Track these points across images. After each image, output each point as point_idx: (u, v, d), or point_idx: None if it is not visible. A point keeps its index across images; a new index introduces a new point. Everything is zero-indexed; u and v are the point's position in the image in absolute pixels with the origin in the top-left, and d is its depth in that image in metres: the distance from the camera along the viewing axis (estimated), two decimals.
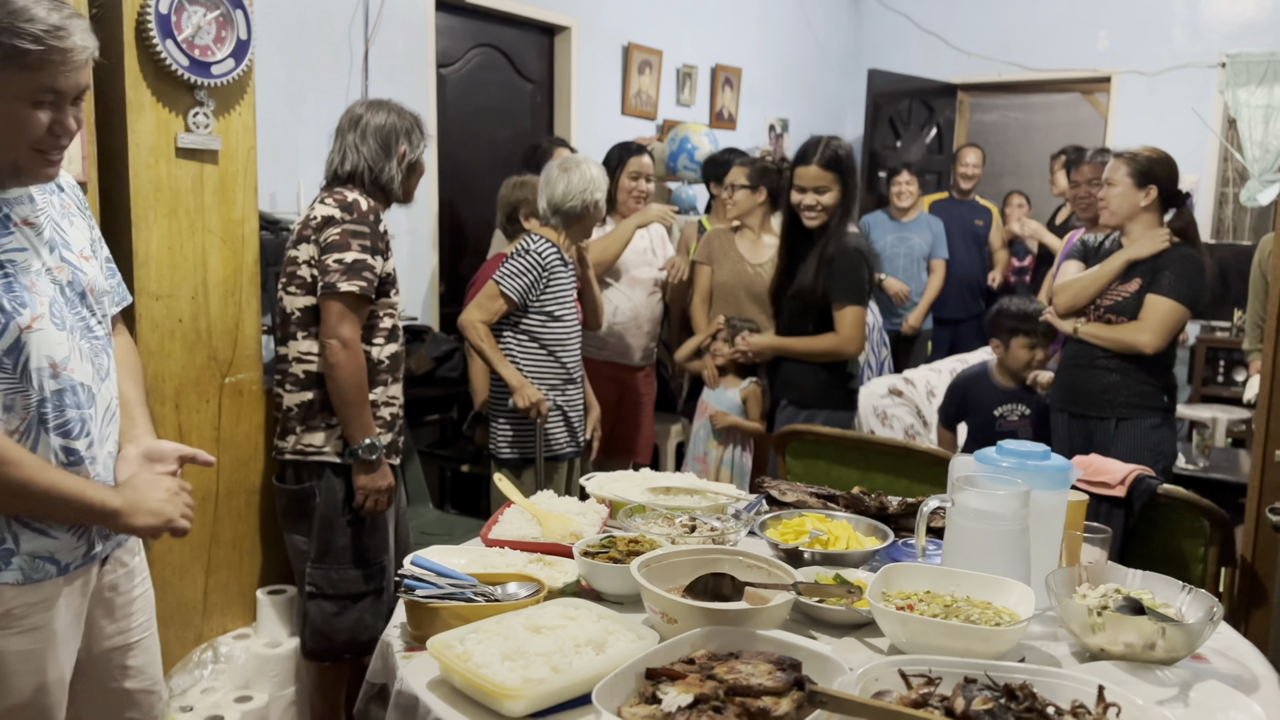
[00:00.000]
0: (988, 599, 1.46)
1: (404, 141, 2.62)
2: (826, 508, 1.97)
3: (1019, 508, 1.51)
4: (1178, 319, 2.96)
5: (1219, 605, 1.42)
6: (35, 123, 1.43)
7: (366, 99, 2.69)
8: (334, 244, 2.47)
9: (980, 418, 3.54)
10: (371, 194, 2.57)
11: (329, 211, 2.50)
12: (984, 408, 3.53)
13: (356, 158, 2.57)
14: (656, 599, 1.40)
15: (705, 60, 5.98)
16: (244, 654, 2.73)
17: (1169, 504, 2.28)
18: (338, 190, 2.55)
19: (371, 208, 2.54)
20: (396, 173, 2.61)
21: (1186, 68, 6.19)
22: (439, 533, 3.40)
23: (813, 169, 3.08)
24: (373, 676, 1.49)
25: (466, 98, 4.73)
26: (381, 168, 2.58)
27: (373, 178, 2.58)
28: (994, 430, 3.47)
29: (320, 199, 2.55)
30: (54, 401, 1.51)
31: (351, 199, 2.51)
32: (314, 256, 2.50)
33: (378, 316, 2.57)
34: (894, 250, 5.71)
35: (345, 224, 2.48)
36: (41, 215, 1.56)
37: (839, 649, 1.44)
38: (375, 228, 2.53)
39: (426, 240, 4.47)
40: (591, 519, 1.89)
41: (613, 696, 1.17)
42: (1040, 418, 3.45)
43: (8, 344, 1.45)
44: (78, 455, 1.55)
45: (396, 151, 2.60)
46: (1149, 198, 3.01)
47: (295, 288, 2.54)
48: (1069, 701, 1.18)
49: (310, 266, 2.51)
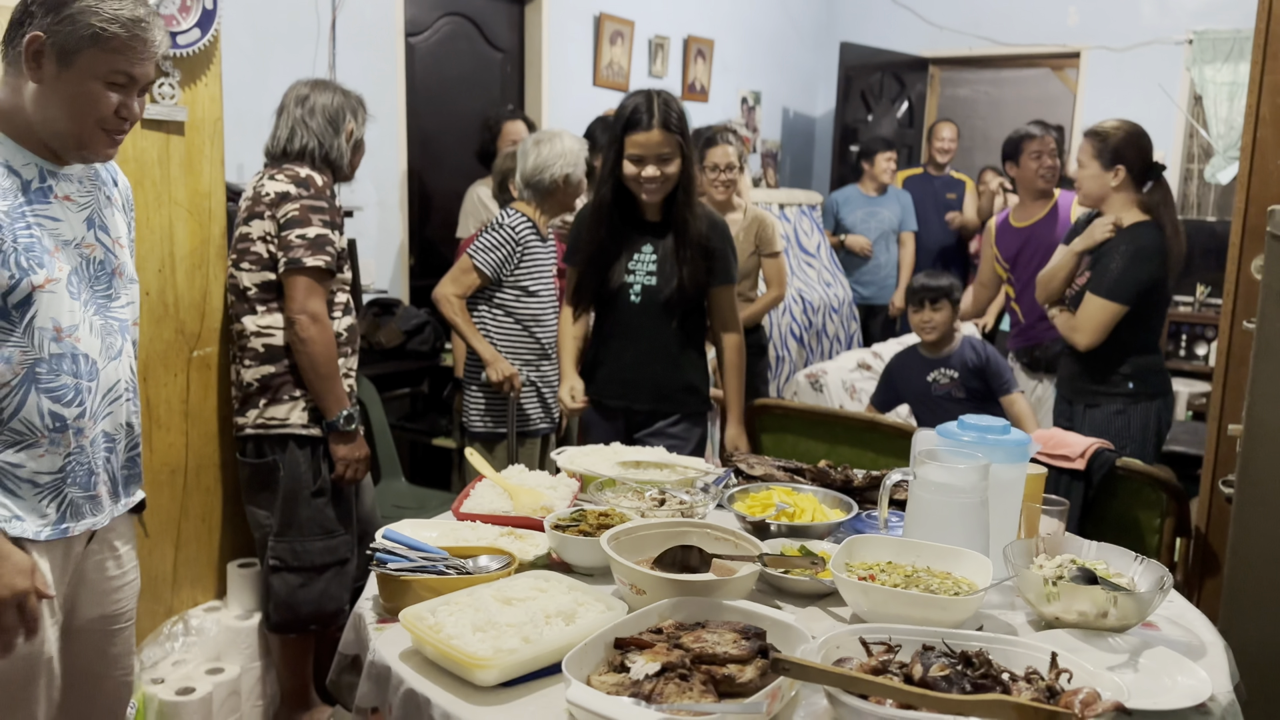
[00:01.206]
0: (947, 569, 1.50)
1: (351, 119, 2.65)
2: (793, 481, 2.01)
3: (979, 480, 1.54)
4: (1108, 317, 2.90)
5: (1169, 575, 1.47)
6: (106, 102, 1.56)
7: (310, 79, 2.70)
8: (294, 219, 2.47)
9: (917, 389, 3.64)
10: (321, 171, 2.59)
11: (282, 187, 2.50)
12: (918, 377, 3.63)
13: (306, 135, 2.59)
14: (626, 571, 1.43)
15: (678, 31, 5.95)
16: (215, 626, 2.74)
17: (1127, 477, 2.35)
18: (287, 166, 2.56)
19: (326, 183, 2.57)
20: (345, 150, 2.64)
21: (1154, 44, 6.24)
22: (410, 506, 3.42)
23: (655, 134, 2.56)
24: (345, 648, 1.51)
25: (435, 67, 4.69)
26: (331, 144, 2.61)
27: (323, 154, 2.60)
28: (931, 396, 3.57)
29: (268, 175, 2.56)
30: (51, 364, 1.56)
31: (305, 174, 2.53)
32: (270, 232, 2.51)
33: (332, 292, 2.58)
34: (865, 225, 5.76)
35: (304, 199, 2.49)
36: (88, 196, 1.67)
37: (803, 618, 1.47)
38: (331, 203, 2.56)
39: (395, 212, 4.45)
40: (562, 493, 1.91)
41: (582, 665, 1.20)
42: (970, 379, 3.53)
43: (18, 299, 1.53)
44: (63, 422, 1.58)
45: (344, 129, 2.63)
46: (1118, 178, 2.98)
47: (249, 264, 2.54)
48: (1023, 668, 1.22)
49: (266, 242, 2.51)
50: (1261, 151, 2.40)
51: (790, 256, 5.53)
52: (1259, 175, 2.40)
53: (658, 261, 2.66)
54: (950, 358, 3.58)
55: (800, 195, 6.03)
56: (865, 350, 4.80)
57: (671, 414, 2.73)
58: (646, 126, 2.56)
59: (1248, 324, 2.20)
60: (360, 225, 4.13)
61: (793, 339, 5.36)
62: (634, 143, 2.57)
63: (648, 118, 2.57)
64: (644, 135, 2.56)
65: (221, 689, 2.66)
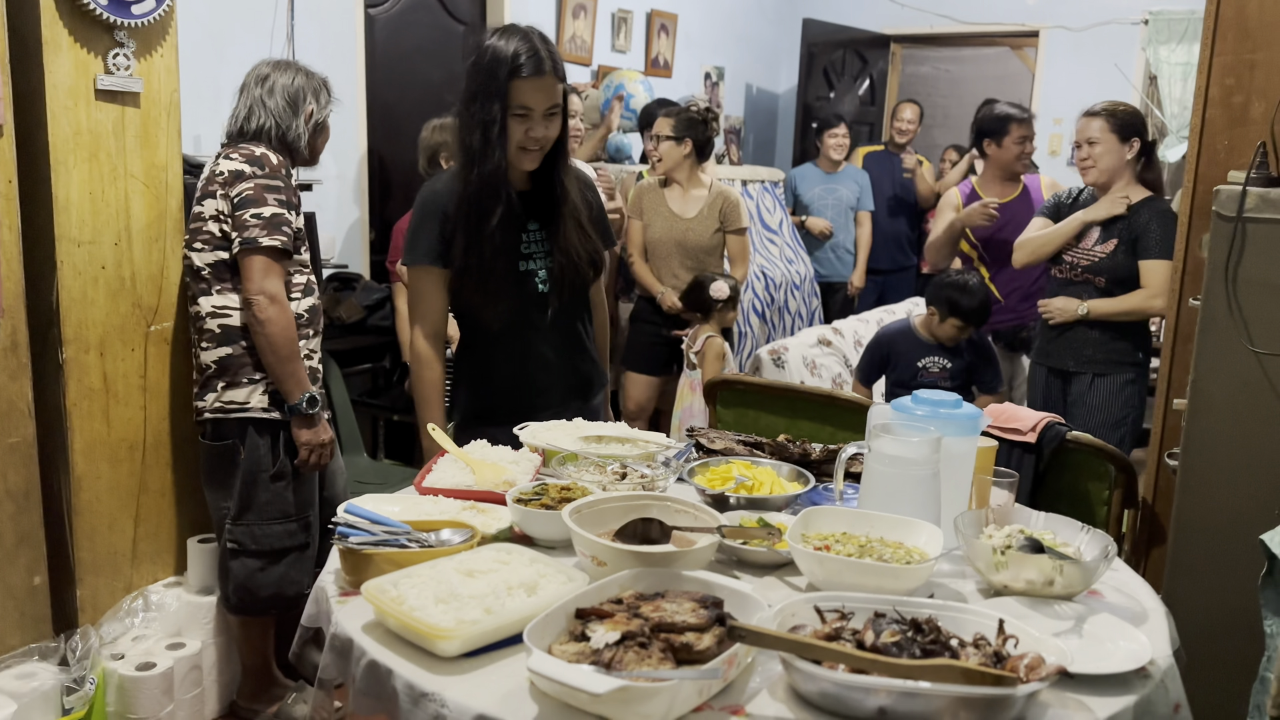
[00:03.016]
0: (899, 539, 1.53)
1: (311, 101, 2.61)
2: (753, 455, 2.04)
3: (931, 453, 1.58)
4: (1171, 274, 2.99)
5: (1113, 544, 1.52)
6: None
7: (273, 59, 2.67)
8: (249, 199, 2.44)
9: (903, 370, 3.65)
10: (279, 151, 2.56)
11: (237, 166, 2.47)
12: (909, 359, 3.63)
13: (264, 115, 2.56)
14: (587, 543, 1.45)
15: (641, 5, 5.93)
16: (175, 602, 2.73)
17: (1076, 449, 2.40)
18: (243, 146, 2.52)
19: (281, 162, 2.54)
20: (303, 131, 2.61)
21: (1110, 24, 6.32)
22: (373, 481, 3.42)
23: (549, 81, 2.11)
24: (307, 621, 1.52)
25: (396, 39, 4.64)
26: (289, 125, 2.58)
27: (279, 134, 2.57)
28: (916, 381, 3.58)
29: (224, 154, 2.52)
30: None
31: (260, 153, 2.50)
32: (223, 211, 2.47)
33: (290, 273, 2.55)
34: (822, 202, 5.80)
35: (258, 178, 2.46)
36: None
37: (760, 588, 1.51)
38: (288, 182, 2.53)
39: (354, 186, 4.41)
40: (525, 467, 1.92)
41: (544, 635, 1.22)
42: (960, 373, 3.57)
43: None
44: None
45: (304, 110, 2.60)
46: (1133, 150, 3.13)
47: (202, 243, 2.51)
48: (972, 634, 1.25)
49: (219, 221, 2.48)
50: (1210, 131, 2.45)
51: (753, 233, 5.56)
52: (1207, 155, 2.46)
53: (550, 239, 2.27)
54: (947, 347, 3.59)
55: (763, 172, 6.05)
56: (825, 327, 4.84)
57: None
58: (538, 73, 2.07)
59: (1193, 301, 2.26)
60: (319, 199, 4.10)
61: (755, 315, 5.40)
62: (524, 94, 2.08)
63: (537, 63, 2.07)
64: (535, 84, 2.08)
65: (183, 664, 2.66)
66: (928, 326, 3.63)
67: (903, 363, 3.65)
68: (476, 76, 2.11)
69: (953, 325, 3.53)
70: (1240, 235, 2.06)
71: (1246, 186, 2.06)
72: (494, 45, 2.09)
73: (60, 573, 2.56)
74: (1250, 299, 2.07)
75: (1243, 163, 2.23)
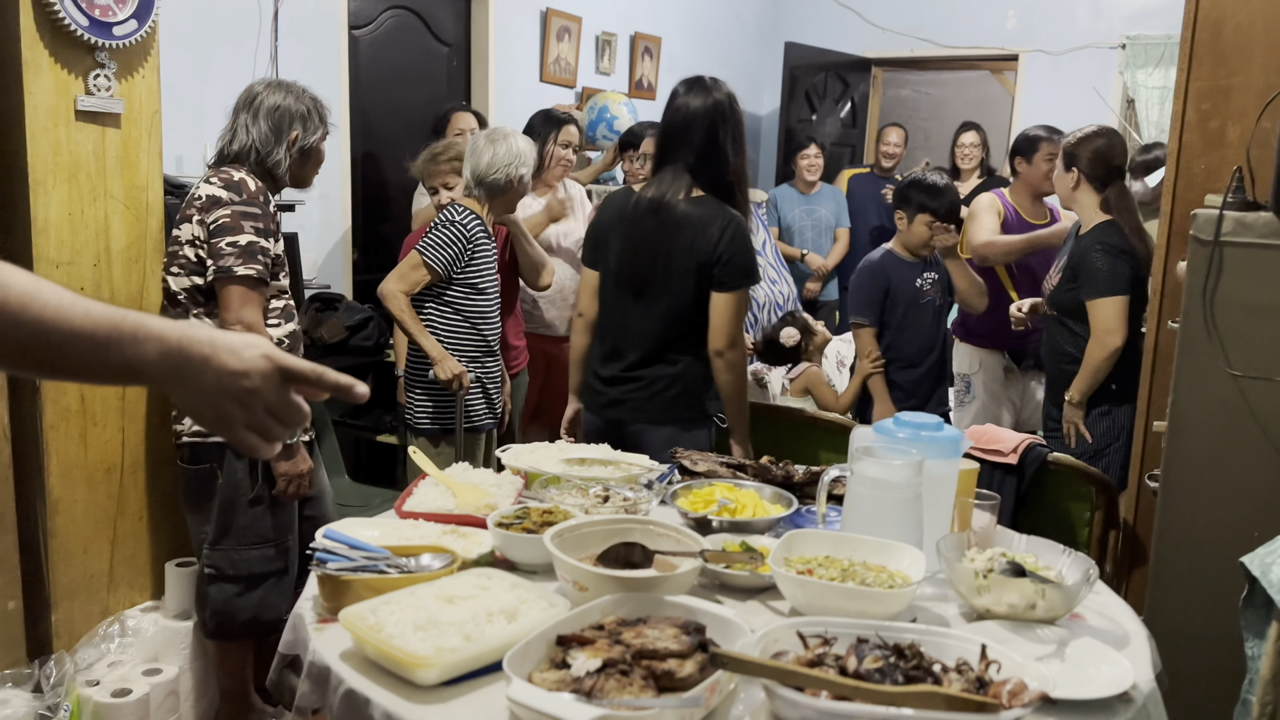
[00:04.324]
0: (882, 563, 1.53)
1: (297, 126, 2.55)
2: (735, 477, 2.04)
3: (913, 476, 1.58)
4: (1119, 309, 2.95)
5: (1095, 568, 1.52)
6: None
7: (268, 79, 2.64)
8: (225, 226, 2.40)
9: (904, 296, 3.45)
10: (259, 176, 2.51)
11: (214, 191, 2.43)
12: (908, 281, 3.45)
13: (246, 138, 2.51)
14: (568, 568, 1.44)
15: (625, 28, 5.96)
16: (152, 627, 2.69)
17: (1058, 471, 2.41)
18: (223, 170, 2.48)
19: (260, 188, 2.48)
20: (284, 157, 2.55)
21: (1089, 48, 6.39)
22: (354, 504, 3.39)
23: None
24: (285, 648, 1.50)
25: (380, 60, 4.64)
26: (270, 150, 2.52)
27: (259, 159, 2.52)
28: (918, 304, 3.43)
29: (206, 177, 2.48)
30: None
31: (238, 179, 2.45)
32: (199, 237, 2.43)
33: (268, 299, 2.52)
34: (802, 222, 5.85)
35: (235, 205, 2.41)
36: None
37: (743, 612, 1.50)
38: (266, 209, 2.47)
39: (338, 206, 4.40)
40: (506, 490, 1.91)
41: (524, 663, 1.21)
42: (947, 282, 3.48)
43: None
44: None
45: (288, 136, 2.54)
46: (1073, 179, 3.13)
47: (179, 268, 2.47)
48: (954, 659, 1.25)
49: (195, 246, 2.44)
50: (1187, 156, 2.48)
51: None
52: (1184, 179, 2.48)
53: None
54: (932, 262, 3.48)
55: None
56: None
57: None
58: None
59: (1172, 324, 2.27)
60: (302, 219, 4.08)
61: None
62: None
63: None
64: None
65: (159, 690, 2.62)
66: (902, 241, 3.45)
67: (904, 287, 3.46)
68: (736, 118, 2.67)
69: (922, 223, 3.37)
70: (1218, 259, 2.08)
71: (1224, 210, 2.08)
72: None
73: (35, 597, 2.52)
74: (1228, 322, 2.09)
75: (1219, 186, 2.25)
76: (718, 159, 2.56)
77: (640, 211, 2.56)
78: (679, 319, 2.54)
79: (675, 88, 2.64)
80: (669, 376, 2.56)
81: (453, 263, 2.98)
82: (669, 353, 2.56)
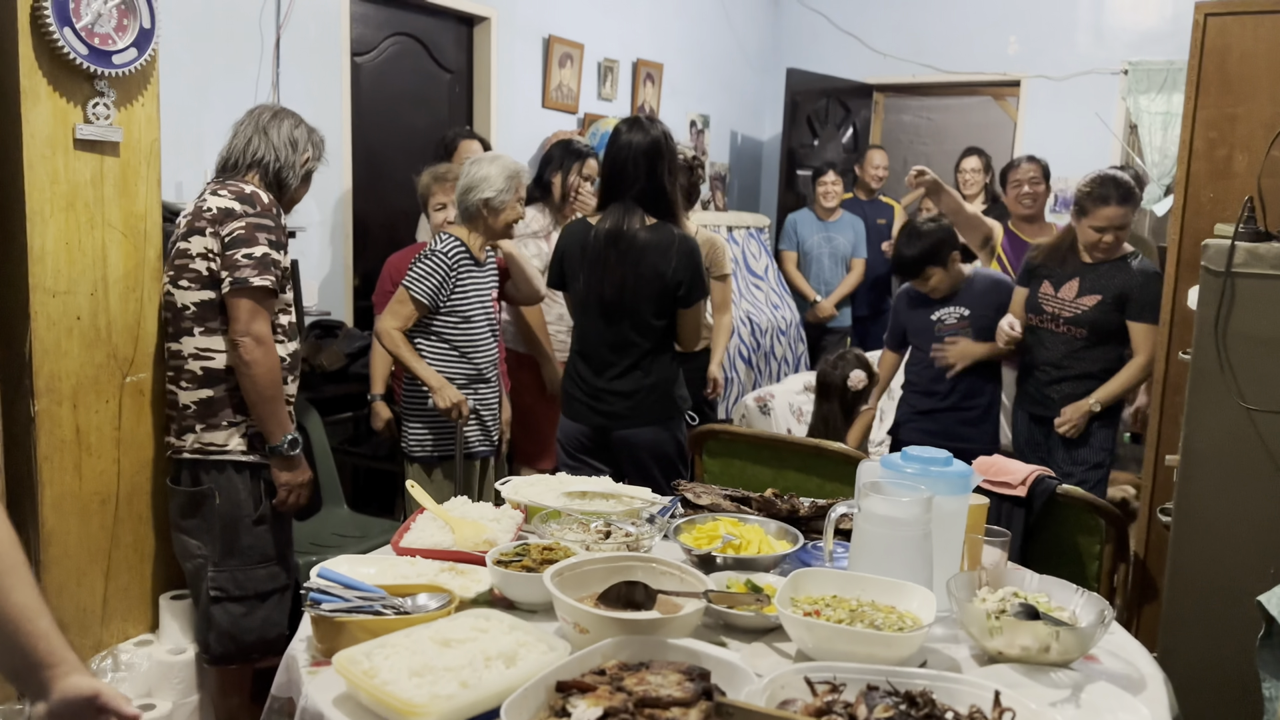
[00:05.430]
0: (892, 603, 1.49)
1: (308, 149, 2.62)
2: (740, 511, 2.00)
3: (922, 513, 1.54)
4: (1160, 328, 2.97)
5: (1109, 608, 1.48)
6: None
7: (275, 105, 2.66)
8: (240, 238, 2.41)
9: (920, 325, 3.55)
10: (269, 189, 2.54)
11: (226, 203, 2.43)
12: (922, 315, 3.55)
13: (265, 148, 2.53)
14: (569, 609, 1.40)
15: (627, 54, 5.97)
16: (146, 661, 2.65)
17: (1067, 503, 2.37)
18: (231, 182, 2.48)
19: (273, 201, 2.51)
20: (298, 174, 2.60)
21: (1091, 74, 6.39)
22: (353, 534, 3.35)
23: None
24: (278, 690, 1.46)
25: (382, 87, 4.64)
26: (286, 161, 2.56)
27: (276, 170, 2.55)
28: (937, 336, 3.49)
29: (212, 190, 2.48)
30: None
31: (250, 191, 2.46)
32: (212, 249, 2.43)
33: (275, 314, 2.52)
34: (820, 250, 5.84)
35: (249, 217, 2.42)
36: None
37: (749, 654, 1.46)
38: (278, 221, 2.50)
39: (339, 233, 4.38)
40: (506, 525, 1.88)
41: (522, 711, 1.17)
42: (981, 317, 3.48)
43: None
44: None
45: (301, 155, 2.60)
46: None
47: (187, 281, 2.46)
48: (967, 706, 1.21)
49: (207, 259, 2.44)
50: (1195, 184, 2.46)
51: (739, 279, 5.56)
52: (1192, 207, 2.46)
53: None
54: (956, 296, 3.48)
55: (748, 218, 6.06)
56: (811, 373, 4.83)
57: None
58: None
59: (1183, 355, 2.24)
60: (303, 246, 4.07)
61: (741, 361, 5.38)
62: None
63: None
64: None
65: None
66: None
67: (916, 319, 3.55)
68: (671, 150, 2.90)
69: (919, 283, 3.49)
70: (1229, 290, 2.05)
71: (1235, 241, 2.05)
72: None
73: None
74: (1240, 354, 2.06)
75: (1228, 215, 2.23)
76: (660, 188, 2.88)
77: (600, 243, 2.87)
78: (648, 333, 2.90)
79: (617, 126, 2.93)
80: (646, 386, 2.91)
81: (437, 292, 2.95)
82: (643, 362, 2.91)
